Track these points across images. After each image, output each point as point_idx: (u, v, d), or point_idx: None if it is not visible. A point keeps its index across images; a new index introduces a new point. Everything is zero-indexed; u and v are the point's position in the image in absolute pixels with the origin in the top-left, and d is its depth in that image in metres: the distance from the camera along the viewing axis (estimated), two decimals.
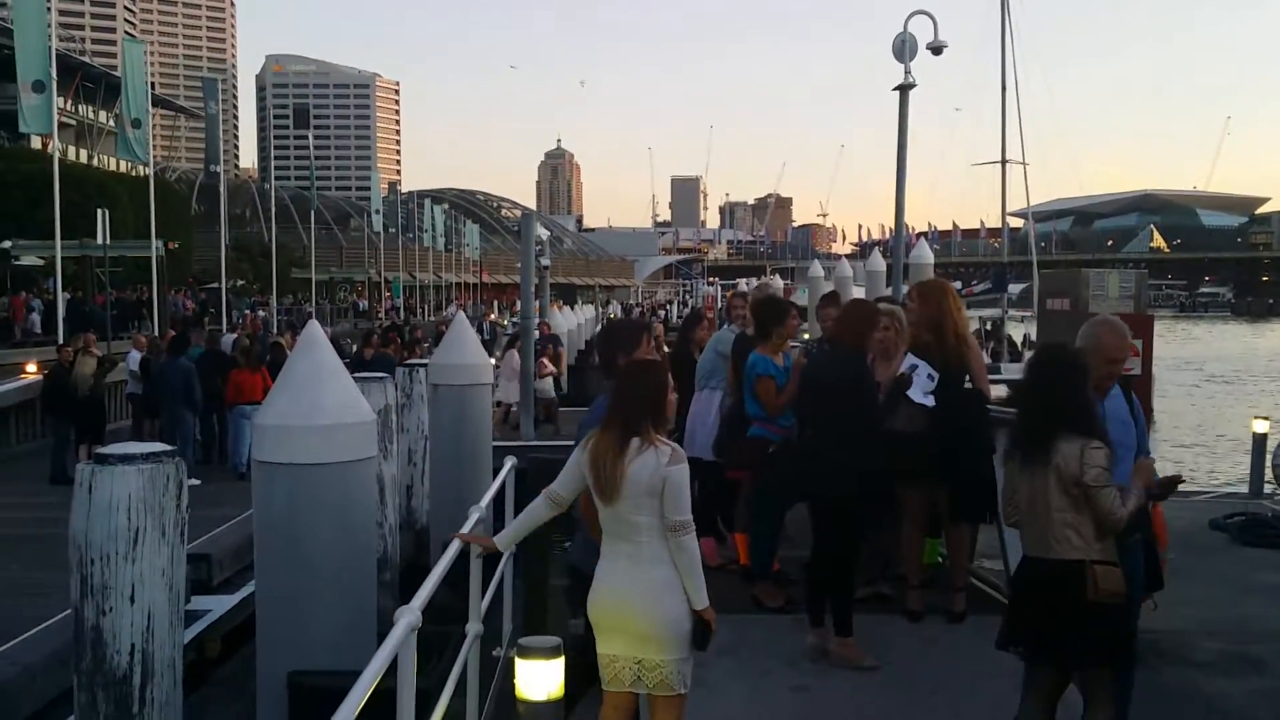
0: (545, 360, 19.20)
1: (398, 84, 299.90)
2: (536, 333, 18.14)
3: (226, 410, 15.37)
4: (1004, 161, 42.71)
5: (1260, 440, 14.47)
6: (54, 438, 15.11)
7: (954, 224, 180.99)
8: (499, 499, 6.65)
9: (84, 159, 60.46)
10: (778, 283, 50.85)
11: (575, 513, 4.97)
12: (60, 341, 21.72)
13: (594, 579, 4.45)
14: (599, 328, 9.22)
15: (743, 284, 59.87)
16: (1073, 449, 4.54)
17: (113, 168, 61.43)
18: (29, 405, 18.09)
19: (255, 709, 6.31)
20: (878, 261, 28.94)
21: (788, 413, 7.02)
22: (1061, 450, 4.56)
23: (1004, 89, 42.51)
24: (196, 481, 13.97)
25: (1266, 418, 15.84)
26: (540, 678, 4.34)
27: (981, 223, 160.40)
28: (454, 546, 4.77)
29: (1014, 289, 48.42)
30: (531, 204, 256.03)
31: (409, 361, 12.80)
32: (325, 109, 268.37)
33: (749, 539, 7.51)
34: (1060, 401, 4.64)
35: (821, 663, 6.30)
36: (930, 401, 6.78)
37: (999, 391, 10.42)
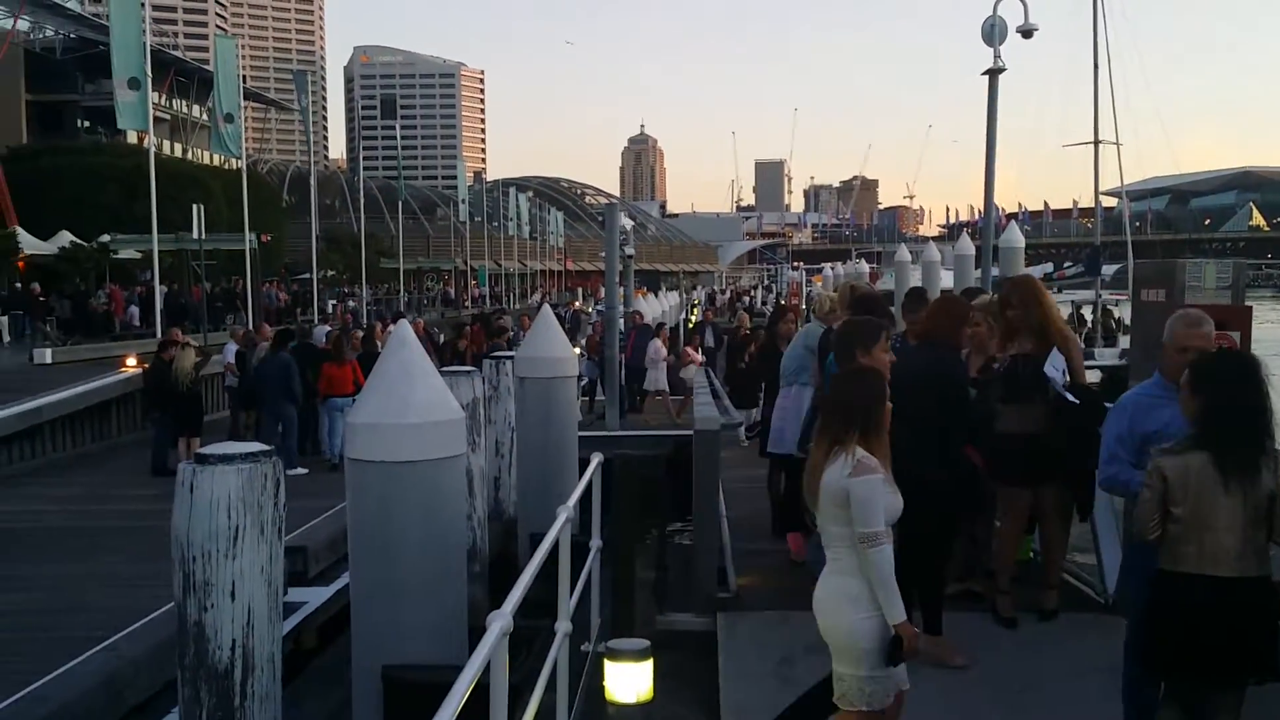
0: (690, 349, 19.27)
1: (482, 73, 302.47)
2: (622, 322, 18.18)
3: (319, 402, 15.67)
4: (1096, 141, 41.81)
5: None
6: (155, 430, 15.54)
7: (1045, 204, 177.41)
8: (586, 495, 6.67)
9: (178, 153, 62.00)
10: (864, 268, 50.36)
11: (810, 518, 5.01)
12: (159, 334, 22.35)
13: None
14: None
15: (828, 269, 59.33)
16: (1269, 461, 4.34)
17: (206, 161, 62.96)
18: (129, 398, 18.64)
19: (351, 701, 6.45)
20: (966, 245, 28.47)
21: None
22: (1264, 465, 4.33)
23: (1096, 68, 41.65)
24: (303, 471, 14.33)
25: None
26: (629, 680, 4.38)
27: (1074, 203, 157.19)
28: (544, 545, 4.81)
29: (1108, 270, 47.37)
30: (615, 190, 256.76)
31: (495, 354, 12.92)
32: (412, 99, 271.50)
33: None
34: (1264, 411, 4.37)
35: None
36: (1071, 397, 6.57)
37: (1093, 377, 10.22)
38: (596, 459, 7.11)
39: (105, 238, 37.30)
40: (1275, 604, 4.36)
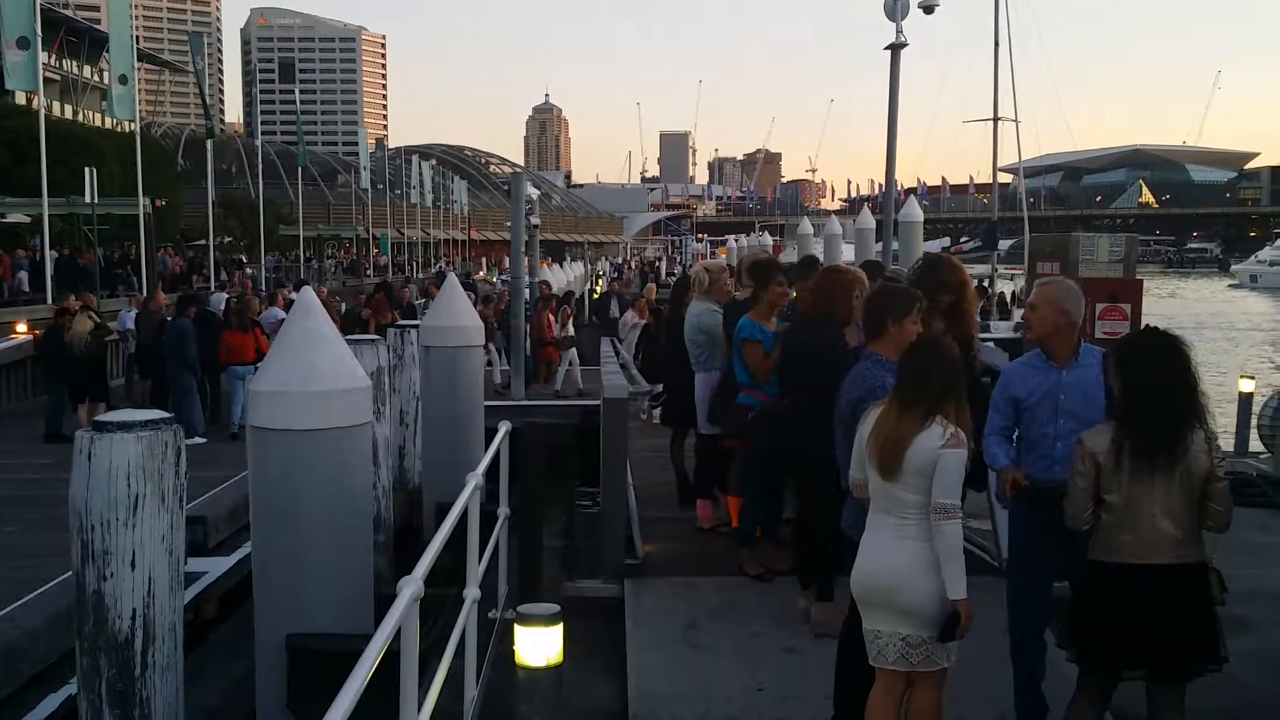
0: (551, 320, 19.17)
1: (384, 37, 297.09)
2: (527, 292, 18.11)
3: (220, 371, 15.37)
4: (996, 119, 42.65)
5: (1246, 399, 14.58)
6: (48, 397, 15.10)
7: (943, 180, 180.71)
8: (493, 464, 6.67)
9: (69, 115, 59.83)
10: (766, 240, 50.83)
11: (845, 482, 5.00)
12: (50, 300, 21.65)
13: (859, 553, 4.48)
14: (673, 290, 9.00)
15: (731, 241, 59.74)
16: (1200, 442, 4.30)
17: (97, 123, 60.88)
18: (20, 364, 18.06)
19: (255, 671, 6.38)
20: (867, 219, 28.97)
21: (774, 379, 6.97)
22: (1193, 446, 4.28)
23: (996, 45, 42.37)
24: (202, 440, 14.03)
25: (1252, 376, 15.95)
26: (539, 644, 4.41)
27: (971, 178, 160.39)
28: (454, 512, 4.81)
29: (1003, 245, 48.46)
30: (519, 159, 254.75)
31: (400, 323, 12.79)
32: (311, 63, 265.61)
33: (740, 505, 7.52)
34: (1190, 391, 4.35)
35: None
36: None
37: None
38: (505, 427, 7.12)
39: None
40: (1209, 589, 4.39)
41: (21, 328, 19.05)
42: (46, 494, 10.51)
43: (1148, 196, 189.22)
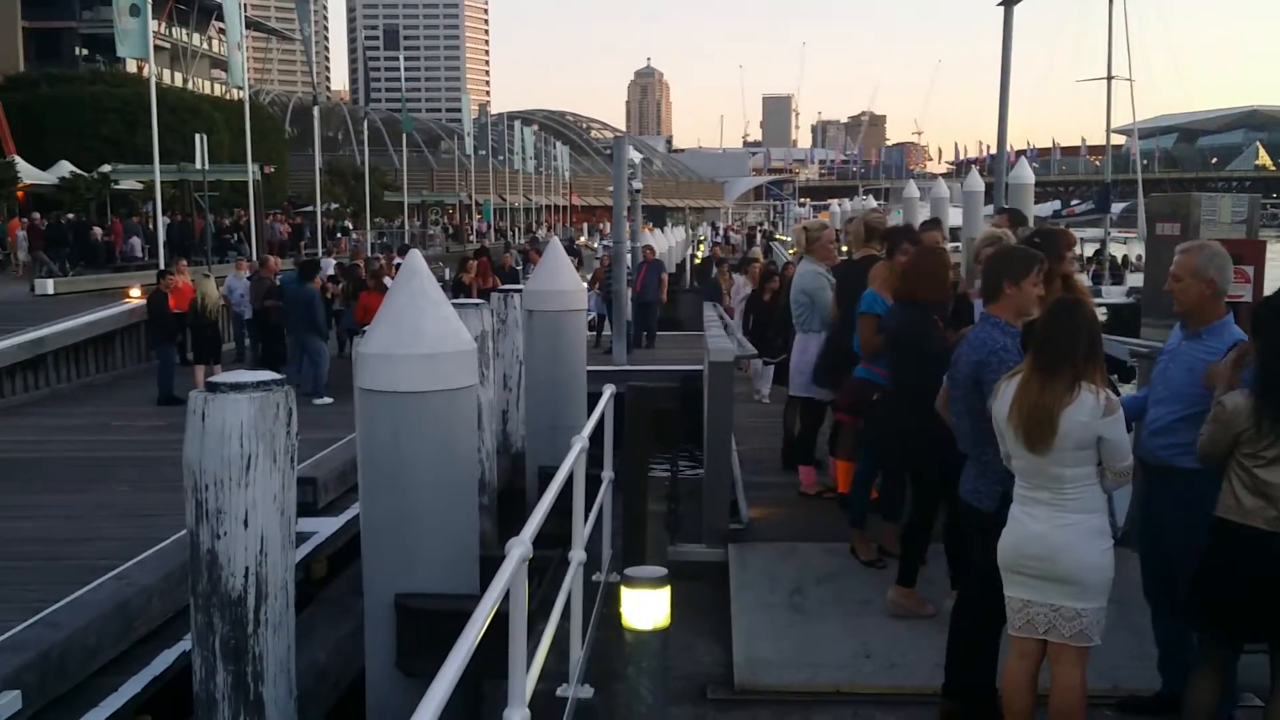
0: None
1: (486, 3, 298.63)
2: (628, 258, 18.08)
3: (357, 331, 15.78)
4: (1109, 78, 41.34)
5: None
6: (161, 360, 15.54)
7: (1054, 142, 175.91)
8: (597, 428, 6.63)
9: (178, 82, 61.36)
10: (871, 204, 50.09)
11: (963, 446, 4.90)
12: (162, 265, 22.26)
13: (1008, 521, 4.37)
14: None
15: (834, 205, 58.95)
16: None
17: (206, 91, 62.35)
18: (134, 328, 18.61)
19: (363, 629, 6.47)
20: (976, 181, 28.29)
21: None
22: None
23: (1111, 1, 40.97)
24: (329, 400, 14.34)
25: None
26: (647, 607, 4.36)
27: (1083, 140, 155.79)
28: (560, 475, 4.78)
29: (1116, 208, 47.10)
30: (621, 124, 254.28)
31: (504, 287, 12.86)
32: (415, 29, 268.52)
33: (853, 482, 7.27)
34: None
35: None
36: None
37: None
38: (609, 390, 7.07)
39: (106, 168, 37.03)
40: None
41: (135, 292, 19.63)
42: (158, 455, 10.82)
43: (1264, 159, 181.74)
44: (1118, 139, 61.43)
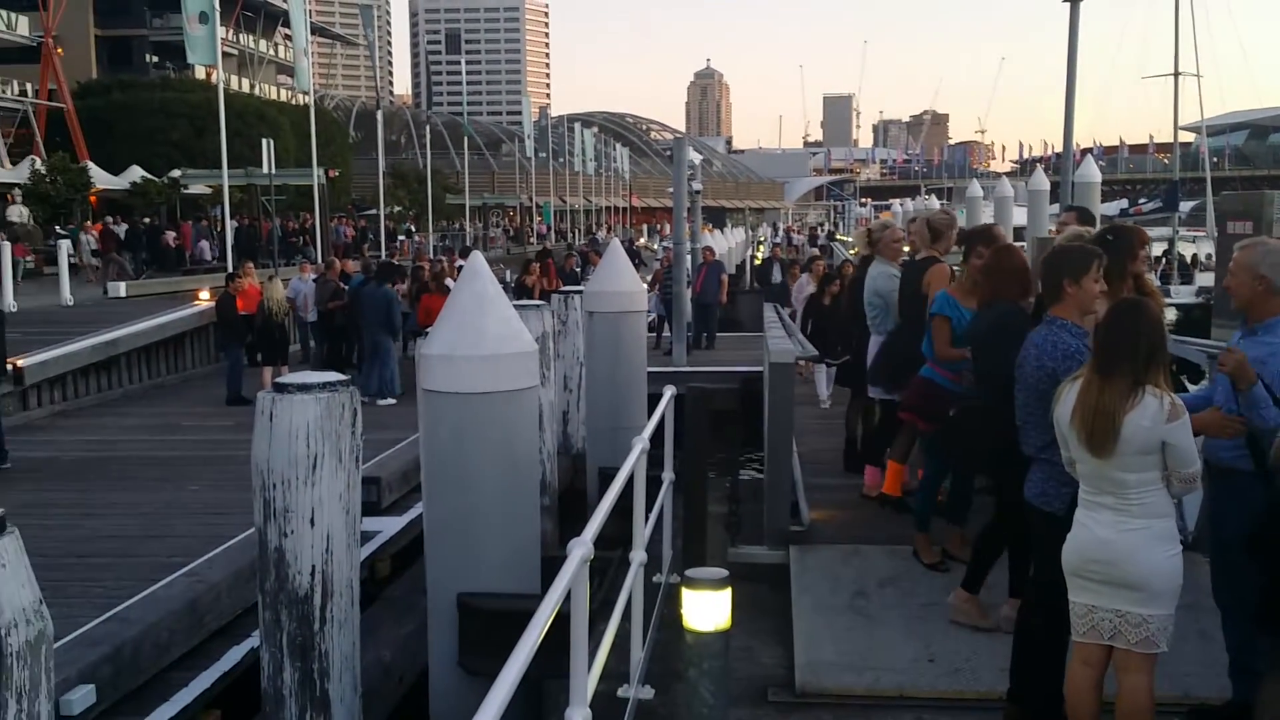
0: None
1: (547, 6, 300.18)
2: (688, 259, 18.06)
3: (418, 334, 16.00)
4: (1176, 74, 40.58)
5: None
6: (230, 361, 15.81)
7: (1120, 139, 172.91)
8: (657, 429, 6.64)
9: (245, 88, 62.35)
10: (934, 204, 49.59)
11: (1030, 449, 4.81)
12: (230, 268, 22.64)
13: (1073, 525, 4.33)
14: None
15: (896, 205, 58.47)
16: None
17: (272, 96, 63.27)
18: (203, 330, 18.95)
19: (426, 628, 6.54)
20: (1041, 180, 27.86)
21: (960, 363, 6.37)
22: None
23: None
24: (393, 401, 14.53)
25: None
26: (708, 608, 4.36)
27: (1150, 137, 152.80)
28: (621, 475, 4.79)
29: (1184, 206, 46.25)
30: (680, 126, 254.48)
31: (563, 289, 12.92)
32: (477, 33, 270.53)
33: (922, 486, 7.16)
34: None
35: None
36: None
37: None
38: (670, 391, 7.07)
39: (175, 173, 37.75)
40: None
41: (204, 295, 19.98)
42: (227, 454, 11.01)
43: None
44: (1186, 136, 60.37)
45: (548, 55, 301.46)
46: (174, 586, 7.18)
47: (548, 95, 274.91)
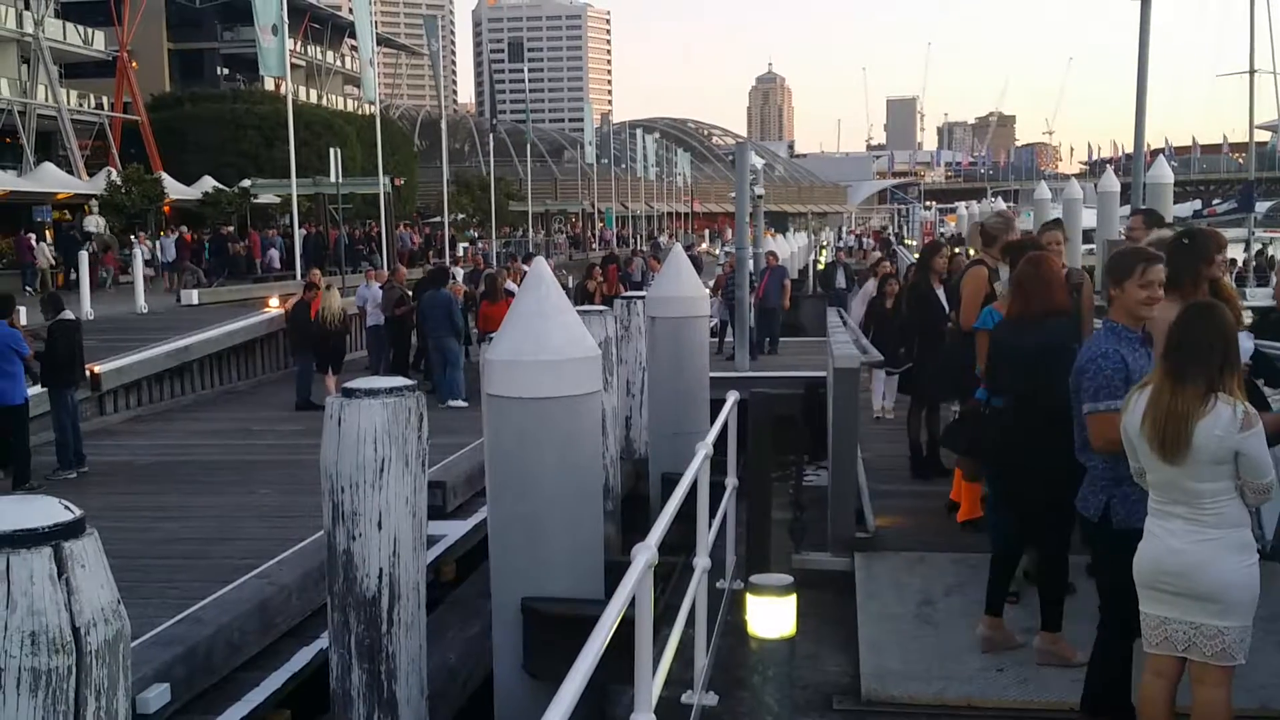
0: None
1: (608, 13, 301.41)
2: (750, 263, 18.01)
3: (480, 339, 16.15)
4: (1252, 71, 39.71)
5: None
6: (299, 367, 16.06)
7: (1193, 139, 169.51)
8: (720, 434, 6.63)
9: (313, 99, 63.33)
10: (1000, 206, 48.99)
11: (1086, 459, 4.70)
12: (299, 276, 23.01)
13: (1144, 535, 4.25)
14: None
15: (961, 208, 57.76)
16: None
17: (339, 106, 64.17)
18: (273, 337, 19.27)
19: (490, 631, 6.58)
20: (1111, 181, 27.35)
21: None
22: None
23: None
24: (464, 404, 14.65)
25: None
26: (772, 615, 4.34)
27: (1224, 137, 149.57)
28: (685, 481, 4.80)
29: (1261, 207, 45.25)
30: (742, 131, 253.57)
31: (626, 294, 12.95)
32: (539, 41, 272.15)
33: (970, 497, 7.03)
34: None
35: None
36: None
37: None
38: (733, 397, 7.06)
39: (246, 183, 38.45)
40: None
41: (274, 302, 20.32)
42: (297, 458, 11.18)
43: None
44: (1262, 135, 59.04)
45: (609, 62, 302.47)
46: (245, 588, 7.31)
47: (609, 101, 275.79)
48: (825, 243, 58.77)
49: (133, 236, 32.40)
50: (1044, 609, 5.66)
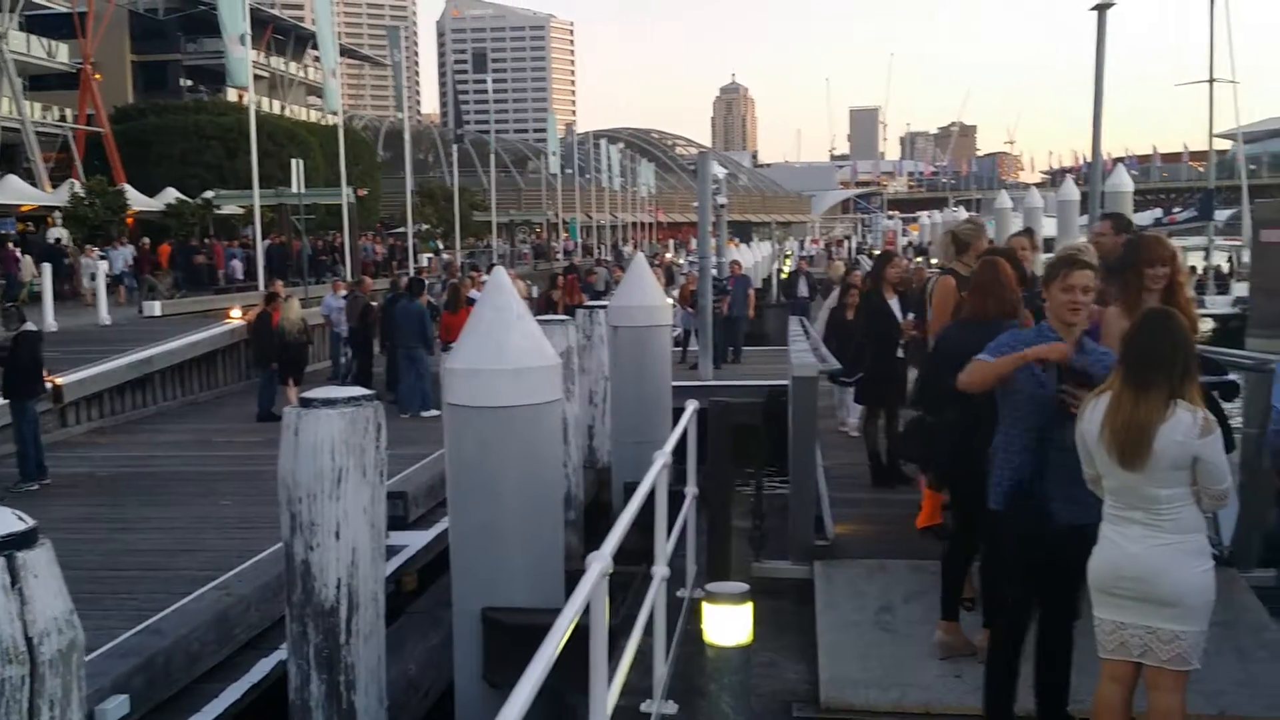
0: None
1: (572, 24, 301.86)
2: (715, 273, 18.09)
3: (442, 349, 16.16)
4: (1212, 80, 40.28)
5: None
6: (261, 378, 15.97)
7: (1154, 148, 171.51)
8: (681, 443, 6.65)
9: (276, 109, 62.97)
10: (961, 216, 49.39)
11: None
12: (262, 287, 22.85)
13: (1100, 541, 4.25)
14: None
15: (924, 217, 58.19)
16: None
17: (302, 117, 63.84)
18: (235, 348, 19.14)
19: (452, 641, 6.57)
20: (1071, 190, 27.70)
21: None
22: None
23: (1212, 2, 39.98)
24: (437, 412, 14.59)
25: None
26: (728, 623, 4.37)
27: (1185, 146, 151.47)
28: (642, 489, 4.81)
29: (1220, 215, 45.84)
30: (706, 141, 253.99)
31: (588, 304, 12.97)
32: (503, 52, 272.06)
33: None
34: None
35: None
36: None
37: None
38: (692, 405, 7.08)
39: (209, 194, 38.16)
40: None
41: (236, 313, 20.16)
42: (258, 469, 11.11)
43: None
44: (1222, 144, 59.87)
45: (573, 72, 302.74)
46: (204, 599, 7.27)
47: (573, 112, 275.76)
48: (789, 252, 59.04)
49: (86, 247, 32.06)
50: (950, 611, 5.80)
